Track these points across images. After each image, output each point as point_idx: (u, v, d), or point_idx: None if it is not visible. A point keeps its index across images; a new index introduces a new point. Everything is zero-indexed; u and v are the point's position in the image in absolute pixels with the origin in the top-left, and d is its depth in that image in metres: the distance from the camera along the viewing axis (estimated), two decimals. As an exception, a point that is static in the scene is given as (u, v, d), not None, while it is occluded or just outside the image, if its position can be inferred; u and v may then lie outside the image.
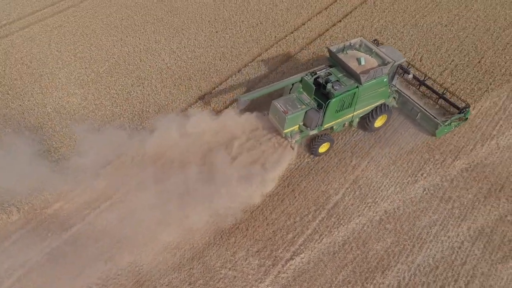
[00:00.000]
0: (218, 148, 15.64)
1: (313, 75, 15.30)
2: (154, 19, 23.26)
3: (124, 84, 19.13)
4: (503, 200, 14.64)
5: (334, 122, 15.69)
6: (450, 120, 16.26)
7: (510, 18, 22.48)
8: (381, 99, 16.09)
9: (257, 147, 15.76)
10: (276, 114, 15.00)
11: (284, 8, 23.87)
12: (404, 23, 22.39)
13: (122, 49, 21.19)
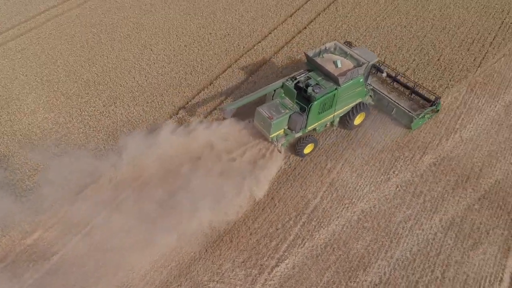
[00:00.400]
0: (197, 161, 15.87)
1: (293, 80, 15.93)
2: (120, 37, 23.18)
3: (95, 105, 18.99)
4: (470, 190, 15.55)
5: (317, 124, 16.43)
6: (424, 113, 17.25)
7: (463, 16, 23.82)
8: (358, 98, 16.95)
9: (243, 154, 16.13)
10: (261, 120, 15.51)
11: (250, 18, 24.33)
12: (366, 26, 23.30)
13: (90, 69, 21.02)
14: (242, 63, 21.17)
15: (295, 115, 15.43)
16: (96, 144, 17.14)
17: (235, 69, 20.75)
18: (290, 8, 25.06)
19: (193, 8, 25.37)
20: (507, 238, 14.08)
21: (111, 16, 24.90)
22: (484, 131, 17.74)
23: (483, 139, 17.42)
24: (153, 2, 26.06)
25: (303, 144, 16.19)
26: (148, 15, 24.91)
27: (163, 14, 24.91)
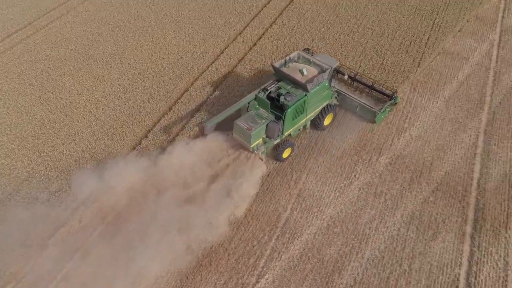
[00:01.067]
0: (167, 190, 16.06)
1: (265, 91, 17.04)
2: (71, 70, 22.79)
3: (54, 145, 18.58)
4: (424, 184, 16.90)
5: (292, 129, 17.68)
6: (384, 107, 18.85)
7: (399, 20, 25.67)
8: (326, 100, 18.39)
9: (225, 168, 16.74)
10: (241, 132, 16.42)
11: (201, 39, 24.77)
12: (312, 38, 24.48)
13: (43, 107, 20.51)
14: (199, 85, 21.54)
15: (272, 124, 16.54)
16: (60, 185, 16.79)
17: (193, 93, 21.08)
18: (238, 26, 25.77)
19: (142, 34, 25.43)
20: (461, 224, 15.48)
21: (58, 49, 24.39)
22: (430, 127, 19.29)
23: (430, 134, 18.95)
24: (100, 31, 25.83)
25: (281, 149, 17.38)
26: (96, 45, 24.65)
27: (112, 43, 24.75)
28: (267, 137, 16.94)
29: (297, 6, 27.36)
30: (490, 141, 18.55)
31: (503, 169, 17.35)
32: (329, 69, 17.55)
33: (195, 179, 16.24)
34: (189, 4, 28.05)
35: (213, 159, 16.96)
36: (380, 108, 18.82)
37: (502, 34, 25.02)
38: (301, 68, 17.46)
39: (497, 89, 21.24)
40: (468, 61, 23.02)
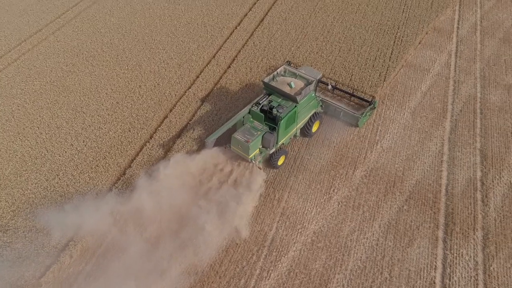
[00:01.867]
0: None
1: (258, 105, 18.33)
2: (48, 103, 22.88)
3: (37, 181, 18.69)
4: (398, 194, 18.09)
5: (285, 138, 19.09)
6: (365, 112, 20.68)
7: (364, 36, 27.14)
8: (313, 109, 20.01)
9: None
10: (239, 144, 17.56)
11: (176, 64, 25.38)
12: (283, 57, 25.54)
13: (23, 143, 20.54)
14: (178, 111, 22.12)
15: (267, 135, 17.82)
16: (47, 222, 16.93)
17: (172, 119, 21.64)
18: (211, 49, 26.55)
19: (117, 62, 25.79)
20: (434, 229, 16.70)
21: (32, 82, 24.41)
22: (399, 138, 20.60)
23: (399, 145, 20.25)
24: (74, 61, 26.01)
25: (276, 157, 18.75)
26: (72, 76, 24.82)
27: (87, 73, 24.99)
28: (263, 147, 18.20)
29: (267, 27, 28.44)
30: (454, 148, 20.02)
31: (468, 174, 18.78)
32: (315, 81, 19.22)
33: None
34: (161, 29, 28.62)
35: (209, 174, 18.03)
36: (362, 113, 20.74)
37: (458, 44, 26.88)
38: (289, 82, 19.05)
39: (457, 97, 22.87)
40: (429, 72, 24.64)
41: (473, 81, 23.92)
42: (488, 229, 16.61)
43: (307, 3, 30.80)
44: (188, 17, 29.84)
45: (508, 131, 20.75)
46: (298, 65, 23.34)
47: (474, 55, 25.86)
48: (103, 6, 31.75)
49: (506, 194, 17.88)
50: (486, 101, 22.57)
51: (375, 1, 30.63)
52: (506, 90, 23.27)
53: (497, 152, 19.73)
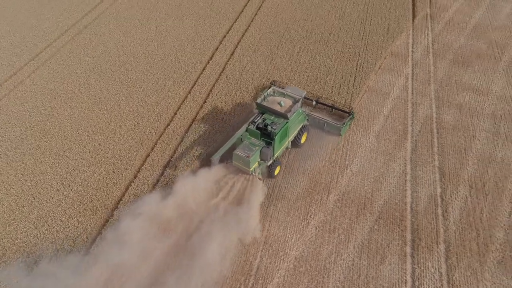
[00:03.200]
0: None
1: (254, 124, 20.66)
2: (30, 149, 23.45)
3: (26, 230, 19.24)
4: (368, 215, 19.82)
5: (279, 151, 21.56)
6: (346, 122, 23.35)
7: (328, 65, 29.15)
8: (301, 123, 22.60)
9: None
10: (240, 159, 19.68)
11: (153, 102, 26.52)
12: (255, 90, 27.15)
13: (8, 192, 21.04)
14: (159, 149, 23.22)
15: (264, 149, 20.15)
16: (40, 271, 17.54)
17: (154, 157, 22.72)
18: (186, 85, 27.88)
19: (95, 102, 26.66)
20: (402, 246, 18.46)
21: (12, 128, 24.92)
22: (366, 161, 22.46)
23: (367, 168, 22.09)
24: (52, 104, 26.69)
25: (273, 168, 21.07)
26: (51, 119, 25.49)
27: (66, 116, 25.72)
28: (262, 160, 20.48)
29: (238, 60, 30.09)
30: (416, 167, 22.05)
31: (429, 191, 20.78)
32: (301, 99, 21.93)
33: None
34: (136, 67, 29.73)
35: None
36: (343, 123, 23.27)
37: (414, 67, 29.38)
38: (279, 101, 21.50)
39: (415, 119, 25.09)
40: (390, 95, 26.88)
41: (428, 102, 26.29)
42: (449, 242, 18.52)
43: (275, 35, 32.75)
44: (162, 53, 31.12)
45: (461, 148, 23.03)
46: (284, 84, 26.16)
47: (428, 77, 28.37)
48: (77, 46, 32.57)
49: (463, 207, 19.94)
50: (441, 121, 24.88)
51: (336, 30, 32.93)
52: (458, 109, 25.72)
53: (453, 168, 21.89)
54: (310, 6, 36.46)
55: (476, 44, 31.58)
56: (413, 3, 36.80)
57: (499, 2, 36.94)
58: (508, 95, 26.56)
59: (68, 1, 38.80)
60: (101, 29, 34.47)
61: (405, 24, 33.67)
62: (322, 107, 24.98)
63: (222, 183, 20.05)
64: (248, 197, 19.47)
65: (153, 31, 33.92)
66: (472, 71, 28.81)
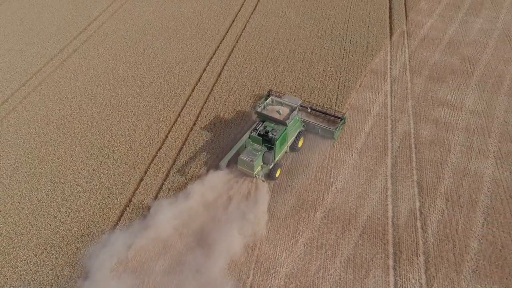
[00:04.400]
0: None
1: (255, 131, 22.87)
2: (25, 177, 24.12)
3: (26, 258, 19.89)
4: (353, 230, 21.07)
5: (280, 155, 23.71)
6: (338, 127, 25.30)
7: (311, 84, 30.56)
8: (298, 129, 24.91)
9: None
10: (245, 164, 21.93)
11: (145, 126, 27.46)
12: (242, 111, 28.32)
13: (6, 221, 21.70)
14: (152, 173, 24.15)
15: (266, 153, 22.29)
16: (42, 297, 18.31)
17: (148, 181, 23.63)
18: (176, 108, 28.91)
19: (88, 127, 27.47)
20: (385, 259, 19.73)
21: (7, 156, 25.56)
22: (350, 178, 23.77)
23: (351, 185, 23.39)
24: (45, 131, 27.40)
25: (274, 170, 23.00)
26: (45, 146, 26.20)
27: (60, 142, 26.46)
28: (264, 164, 22.54)
29: (225, 81, 31.27)
30: (396, 183, 23.44)
31: (409, 205, 22.16)
32: (297, 107, 24.12)
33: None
34: (126, 91, 30.65)
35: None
36: (336, 128, 25.25)
37: (392, 84, 30.98)
38: (278, 110, 23.68)
39: (395, 135, 26.57)
40: (370, 113, 28.34)
41: (407, 118, 27.83)
42: (428, 253, 19.87)
43: (259, 55, 34.07)
44: (151, 76, 32.12)
45: (438, 162, 24.54)
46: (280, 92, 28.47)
47: (406, 93, 29.98)
48: (67, 70, 33.35)
49: (440, 220, 21.37)
50: (419, 136, 26.41)
51: (318, 49, 34.43)
52: (434, 124, 27.32)
53: (431, 182, 23.35)
54: (292, 25, 37.95)
55: (450, 60, 33.40)
56: (390, 21, 38.62)
57: (471, 17, 39.03)
58: (479, 110, 28.29)
59: (56, 25, 39.54)
60: (90, 53, 35.31)
61: (383, 41, 35.36)
62: (315, 113, 27.06)
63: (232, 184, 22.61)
64: (256, 197, 21.86)
65: (141, 53, 34.90)
66: (447, 87, 30.54)
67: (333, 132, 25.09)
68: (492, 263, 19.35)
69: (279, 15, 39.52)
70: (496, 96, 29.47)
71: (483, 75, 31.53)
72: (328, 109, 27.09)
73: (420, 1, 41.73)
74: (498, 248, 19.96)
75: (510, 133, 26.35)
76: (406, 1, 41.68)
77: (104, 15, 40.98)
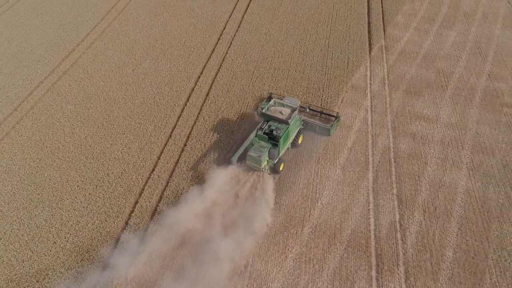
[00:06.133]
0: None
1: (261, 130, 25.91)
2: (23, 203, 24.89)
3: (28, 284, 20.78)
4: (338, 244, 22.55)
5: (283, 150, 26.63)
6: (333, 124, 28.54)
7: (295, 101, 32.01)
8: (298, 127, 27.91)
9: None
10: (253, 159, 24.90)
11: (137, 148, 28.50)
12: (231, 131, 29.61)
13: (6, 248, 22.51)
14: (146, 195, 25.23)
15: (272, 149, 25.25)
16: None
17: (143, 203, 24.71)
18: (167, 129, 30.02)
19: (82, 151, 28.37)
20: (368, 271, 21.25)
21: (3, 182, 26.30)
22: (334, 193, 25.28)
23: (335, 200, 24.89)
24: (40, 156, 28.20)
25: (278, 164, 25.95)
26: (41, 171, 27.02)
27: (55, 167, 27.31)
28: (270, 159, 25.50)
29: (213, 100, 32.50)
30: (377, 196, 25.03)
31: (389, 218, 23.77)
32: (297, 107, 27.23)
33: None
34: (118, 113, 31.62)
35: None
36: (331, 125, 28.47)
37: (372, 99, 32.66)
38: (280, 110, 26.72)
39: (375, 150, 28.21)
40: (352, 128, 29.94)
41: (386, 132, 29.52)
42: (408, 264, 21.48)
43: (245, 73, 35.41)
44: (141, 97, 33.15)
45: (416, 175, 26.25)
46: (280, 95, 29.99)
47: (385, 108, 31.69)
48: (58, 93, 34.13)
49: (418, 231, 23.02)
50: (398, 150, 28.11)
51: (301, 66, 35.94)
52: (412, 138, 29.06)
53: (409, 195, 25.03)
54: (276, 42, 39.43)
55: (425, 73, 35.30)
56: (369, 35, 40.42)
57: (445, 30, 41.12)
58: (453, 122, 30.17)
59: (44, 47, 40.20)
60: (79, 75, 36.14)
61: (363, 56, 37.10)
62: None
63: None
64: (262, 186, 25.04)
65: (130, 74, 35.89)
66: (423, 100, 32.38)
67: (329, 129, 28.29)
68: (466, 270, 21.07)
69: (263, 32, 40.96)
70: (469, 108, 31.43)
71: (457, 88, 33.51)
72: (324, 109, 30.44)
73: (397, 15, 43.69)
74: (471, 256, 21.70)
75: (482, 144, 28.27)
76: (384, 15, 43.59)
77: (92, 35, 41.79)
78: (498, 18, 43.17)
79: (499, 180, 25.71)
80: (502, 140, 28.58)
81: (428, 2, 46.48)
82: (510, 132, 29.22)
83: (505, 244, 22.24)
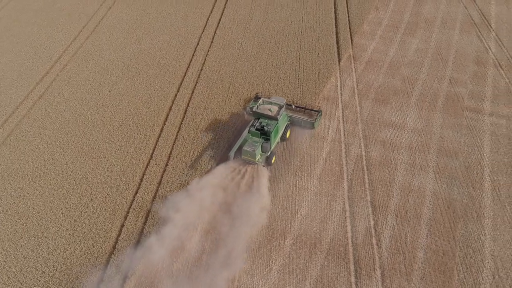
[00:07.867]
0: None
1: (253, 126, 28.81)
2: (8, 234, 25.08)
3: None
4: (319, 253, 23.91)
5: (274, 144, 29.60)
6: (316, 119, 31.50)
7: (271, 116, 33.27)
8: (285, 123, 30.82)
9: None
10: (248, 153, 27.65)
11: (119, 171, 29.05)
12: (211, 147, 30.59)
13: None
14: (131, 217, 25.88)
15: (264, 144, 28.15)
16: None
17: (129, 226, 25.34)
18: (147, 149, 30.67)
19: (64, 177, 28.66)
20: (348, 277, 22.71)
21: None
22: (312, 204, 26.66)
23: (314, 210, 26.27)
24: (22, 185, 28.33)
25: (270, 157, 28.65)
26: (23, 201, 27.17)
27: (38, 195, 27.49)
28: (263, 152, 28.34)
29: (191, 118, 33.37)
30: (353, 204, 26.57)
31: (365, 224, 25.34)
32: (284, 105, 30.15)
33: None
34: (97, 136, 32.01)
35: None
36: (314, 119, 31.56)
37: (344, 109, 34.32)
38: (269, 108, 29.60)
39: (349, 159, 29.81)
40: (326, 139, 31.46)
41: (358, 141, 31.19)
42: (384, 267, 23.06)
43: (221, 89, 36.43)
44: (119, 119, 33.64)
45: (387, 181, 27.98)
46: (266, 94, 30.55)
47: (356, 117, 33.40)
48: (34, 119, 34.16)
49: (392, 235, 24.68)
50: (369, 158, 29.80)
51: (275, 80, 37.29)
52: (382, 145, 30.85)
53: (382, 201, 26.71)
54: (249, 57, 40.64)
55: (392, 81, 37.32)
56: (338, 45, 42.22)
57: (408, 38, 43.42)
58: (420, 128, 32.18)
59: (16, 71, 39.98)
60: (55, 99, 36.24)
61: (333, 67, 38.79)
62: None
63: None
64: (258, 175, 27.77)
65: (107, 96, 36.28)
66: (391, 108, 34.30)
67: (313, 123, 31.41)
68: (436, 270, 22.84)
69: (236, 47, 42.10)
70: (433, 113, 33.55)
71: (421, 94, 35.64)
72: (308, 105, 33.66)
73: (363, 24, 45.75)
74: (440, 256, 23.51)
75: (446, 148, 30.35)
76: (351, 25, 45.56)
77: (65, 57, 41.84)
78: (456, 23, 45.91)
79: (462, 182, 27.77)
80: (464, 143, 30.76)
81: (391, 10, 48.86)
82: (471, 135, 31.47)
83: (470, 242, 24.18)
